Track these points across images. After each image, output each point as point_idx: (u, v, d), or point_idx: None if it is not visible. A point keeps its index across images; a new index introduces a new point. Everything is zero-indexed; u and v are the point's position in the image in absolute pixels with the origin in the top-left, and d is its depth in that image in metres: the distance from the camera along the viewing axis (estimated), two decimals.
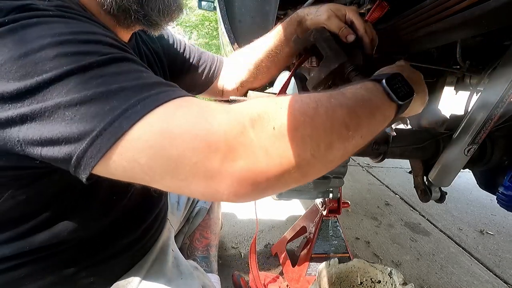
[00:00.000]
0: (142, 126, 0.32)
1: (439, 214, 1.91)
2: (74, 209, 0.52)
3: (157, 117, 0.32)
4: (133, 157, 0.32)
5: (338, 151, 0.36)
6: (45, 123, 0.33)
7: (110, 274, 0.63)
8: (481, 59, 0.76)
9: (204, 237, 1.05)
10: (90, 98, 0.32)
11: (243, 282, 1.07)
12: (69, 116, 0.32)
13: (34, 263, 0.51)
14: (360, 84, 0.43)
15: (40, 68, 0.32)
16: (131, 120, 0.32)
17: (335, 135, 0.35)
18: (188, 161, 0.31)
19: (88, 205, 0.53)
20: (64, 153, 0.33)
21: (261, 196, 0.34)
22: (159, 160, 0.32)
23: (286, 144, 0.32)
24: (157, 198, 0.72)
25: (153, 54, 0.75)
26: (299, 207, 1.77)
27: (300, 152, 0.32)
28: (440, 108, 0.96)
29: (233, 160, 0.31)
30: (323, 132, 0.34)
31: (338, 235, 1.06)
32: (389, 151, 0.74)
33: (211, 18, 11.62)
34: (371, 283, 0.90)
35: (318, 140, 0.34)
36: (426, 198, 0.81)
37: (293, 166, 0.32)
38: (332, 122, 0.35)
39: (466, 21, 0.48)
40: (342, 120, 0.36)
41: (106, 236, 0.59)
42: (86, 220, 0.54)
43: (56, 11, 0.38)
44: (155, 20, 0.55)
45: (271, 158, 0.32)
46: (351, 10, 0.62)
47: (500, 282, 1.34)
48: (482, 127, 0.63)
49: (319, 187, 0.57)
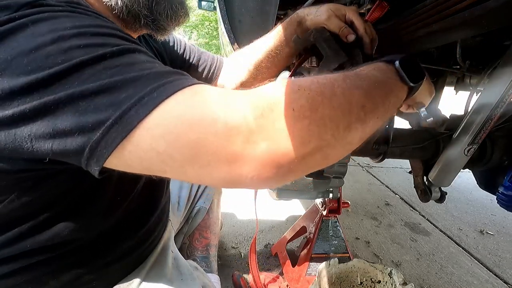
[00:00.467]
0: (160, 113, 0.31)
1: (439, 214, 1.91)
2: (77, 210, 0.51)
3: (175, 103, 0.32)
4: (151, 145, 0.31)
5: (356, 132, 0.35)
6: (58, 114, 0.32)
7: (111, 278, 0.62)
8: (481, 59, 0.76)
9: (203, 237, 1.05)
10: (105, 87, 0.32)
11: (243, 282, 1.07)
12: (83, 107, 0.31)
13: (35, 267, 0.51)
14: (373, 65, 0.43)
15: (51, 61, 0.32)
16: (148, 107, 0.31)
17: (353, 116, 0.34)
18: (210, 145, 0.30)
19: (92, 206, 0.53)
20: (77, 145, 0.32)
21: (283, 180, 0.33)
22: (178, 147, 0.31)
23: (307, 125, 0.31)
24: (159, 200, 0.72)
25: (156, 54, 0.75)
26: (299, 207, 1.77)
27: (321, 133, 0.32)
28: (440, 108, 0.96)
29: (255, 143, 0.31)
30: (341, 113, 0.34)
31: (338, 235, 1.06)
32: (389, 151, 0.74)
33: (211, 18, 11.62)
34: (371, 283, 0.90)
35: (337, 121, 0.33)
36: (426, 198, 0.81)
37: (314, 147, 0.32)
38: (349, 103, 0.34)
39: (466, 21, 0.48)
40: (359, 101, 0.35)
41: (108, 240, 0.59)
42: (89, 222, 0.54)
43: (66, 7, 0.38)
44: (163, 25, 0.56)
45: (292, 140, 0.31)
46: (351, 10, 0.62)
47: (500, 282, 1.34)
48: (482, 127, 0.63)
49: (319, 187, 0.57)
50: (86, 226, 0.53)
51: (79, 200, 0.51)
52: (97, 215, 0.55)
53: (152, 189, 0.68)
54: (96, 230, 0.56)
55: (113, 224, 0.58)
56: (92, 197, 0.52)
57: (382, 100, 0.38)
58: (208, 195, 1.06)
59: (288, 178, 0.33)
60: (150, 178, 0.65)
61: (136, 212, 0.63)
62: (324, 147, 0.33)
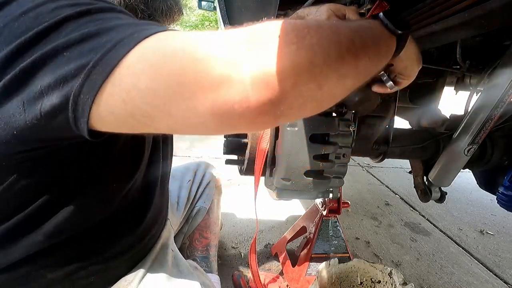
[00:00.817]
0: (140, 49, 0.30)
1: (439, 214, 1.91)
2: (76, 196, 0.51)
3: (156, 40, 0.31)
4: (133, 83, 0.30)
5: (350, 66, 0.33)
6: (46, 70, 0.32)
7: (110, 275, 0.63)
8: (481, 59, 0.76)
9: (203, 237, 1.05)
10: (88, 35, 0.32)
11: (243, 282, 1.07)
12: (67, 57, 0.31)
13: (33, 259, 0.51)
14: (357, 21, 0.42)
15: (39, 21, 0.33)
16: (128, 46, 0.30)
17: (344, 47, 0.33)
18: (192, 73, 0.29)
19: (90, 191, 0.53)
20: (62, 96, 0.31)
21: (277, 111, 0.30)
22: (161, 80, 0.29)
23: (294, 50, 0.30)
24: (154, 195, 0.72)
25: None
26: (299, 207, 1.77)
27: (310, 57, 0.30)
28: (440, 108, 0.96)
29: (242, 64, 0.29)
30: (330, 42, 0.32)
31: (338, 235, 1.06)
32: (389, 151, 0.74)
33: (211, 18, 11.63)
34: (371, 283, 0.90)
35: (327, 48, 0.31)
36: (426, 198, 0.81)
37: (306, 71, 0.30)
38: (338, 35, 0.33)
39: (466, 21, 0.48)
40: (347, 35, 0.34)
41: (106, 234, 0.59)
42: (87, 210, 0.54)
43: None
44: (158, 20, 0.57)
45: (281, 61, 0.29)
46: (351, 10, 0.62)
47: (500, 282, 1.34)
48: (482, 127, 0.63)
49: (319, 187, 0.57)
50: (85, 215, 0.54)
51: (77, 184, 0.51)
52: (96, 203, 0.55)
53: (148, 184, 0.68)
54: (94, 219, 0.56)
55: (111, 215, 0.58)
56: (90, 181, 0.52)
57: (372, 41, 0.37)
58: (208, 195, 1.07)
59: (282, 108, 0.30)
60: (147, 171, 0.66)
61: (133, 206, 0.63)
62: (317, 74, 0.31)
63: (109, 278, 0.62)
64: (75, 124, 0.33)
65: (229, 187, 1.85)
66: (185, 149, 2.50)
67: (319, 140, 0.55)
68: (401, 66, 0.48)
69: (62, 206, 0.50)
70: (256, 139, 0.62)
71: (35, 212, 0.48)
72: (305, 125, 0.53)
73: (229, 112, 0.29)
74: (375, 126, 0.74)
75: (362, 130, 0.74)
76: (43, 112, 0.33)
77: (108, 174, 0.55)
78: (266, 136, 0.59)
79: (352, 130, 0.58)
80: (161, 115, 0.31)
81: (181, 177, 1.05)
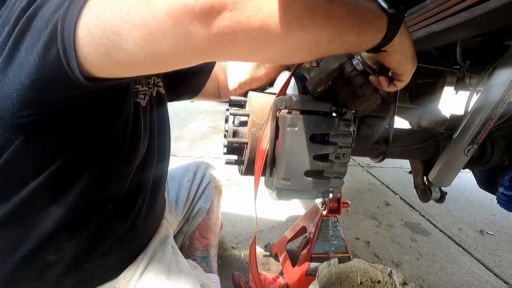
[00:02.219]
0: None
1: (439, 214, 1.91)
2: (81, 173, 0.53)
3: None
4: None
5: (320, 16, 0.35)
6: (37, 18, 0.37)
7: (106, 270, 0.63)
8: (481, 59, 0.76)
9: (203, 237, 1.05)
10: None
11: (243, 282, 1.07)
12: (48, 6, 0.37)
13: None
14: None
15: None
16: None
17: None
18: None
19: (91, 164, 0.54)
20: (48, 34, 0.35)
21: (229, 14, 0.31)
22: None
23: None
24: (147, 188, 0.72)
25: None
26: (299, 207, 1.77)
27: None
28: (440, 108, 0.96)
29: None
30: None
31: (338, 235, 1.06)
32: (389, 151, 0.74)
33: None
34: (371, 283, 0.90)
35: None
36: (426, 198, 0.81)
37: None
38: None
39: (466, 21, 0.48)
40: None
41: (98, 225, 0.59)
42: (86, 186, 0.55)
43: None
44: None
45: None
46: None
47: (500, 282, 1.34)
48: (482, 127, 0.63)
49: (319, 187, 0.57)
50: (93, 194, 0.56)
51: (80, 155, 0.52)
52: (95, 178, 0.56)
53: (143, 177, 0.69)
54: (83, 208, 0.57)
55: (109, 197, 0.60)
56: (93, 153, 0.54)
57: (357, 10, 0.38)
58: (208, 195, 1.07)
59: (232, 14, 0.31)
60: (144, 159, 0.66)
61: (129, 193, 0.64)
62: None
63: (106, 273, 0.63)
64: (67, 63, 0.36)
65: (229, 187, 1.85)
66: (185, 149, 2.49)
67: (319, 140, 0.55)
68: (395, 59, 0.46)
69: (74, 179, 0.53)
70: (256, 140, 0.62)
71: (36, 190, 0.50)
72: (305, 125, 0.53)
73: (183, 11, 0.31)
74: (375, 126, 0.74)
75: (362, 130, 0.74)
76: (39, 52, 0.36)
77: (110, 150, 0.56)
78: (266, 136, 0.59)
79: (352, 130, 0.58)
80: (126, 26, 0.33)
81: (180, 178, 1.05)
